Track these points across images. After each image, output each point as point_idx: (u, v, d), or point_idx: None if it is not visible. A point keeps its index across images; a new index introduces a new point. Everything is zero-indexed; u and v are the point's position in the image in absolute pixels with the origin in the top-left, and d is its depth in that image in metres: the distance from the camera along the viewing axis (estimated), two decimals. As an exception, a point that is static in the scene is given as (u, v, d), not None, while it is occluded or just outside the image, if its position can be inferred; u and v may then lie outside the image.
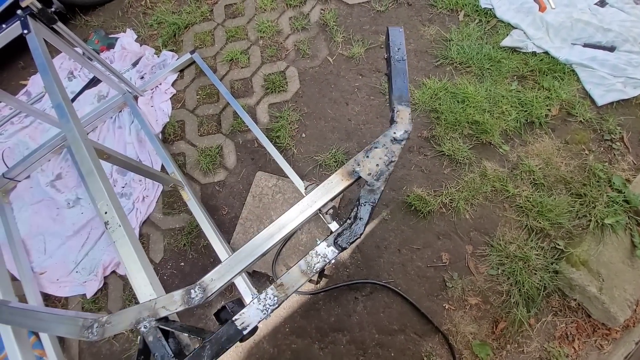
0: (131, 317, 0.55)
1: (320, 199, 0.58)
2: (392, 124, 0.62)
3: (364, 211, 0.56)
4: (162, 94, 1.47)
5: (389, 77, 0.67)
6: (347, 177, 0.59)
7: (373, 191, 0.58)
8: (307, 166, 1.31)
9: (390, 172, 0.59)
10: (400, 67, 0.66)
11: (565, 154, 1.23)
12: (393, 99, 0.64)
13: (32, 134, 1.52)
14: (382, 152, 0.60)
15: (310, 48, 1.52)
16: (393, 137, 0.61)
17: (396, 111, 0.62)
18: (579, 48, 1.42)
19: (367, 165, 0.60)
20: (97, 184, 0.70)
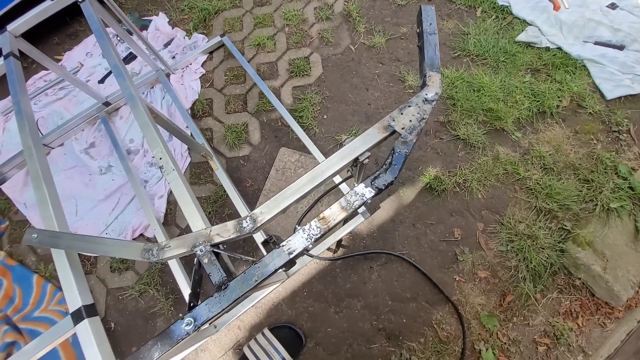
0: (189, 242, 0.62)
1: (359, 148, 0.66)
2: (423, 87, 0.70)
3: (397, 159, 0.64)
4: (192, 73, 1.55)
5: (421, 48, 0.74)
6: (383, 131, 0.67)
7: (406, 143, 0.65)
8: (327, 145, 1.38)
9: (422, 127, 0.66)
10: (431, 39, 0.74)
11: (575, 142, 1.29)
12: (425, 66, 0.71)
13: (66, 105, 1.60)
14: (414, 110, 0.67)
15: (333, 36, 1.60)
16: (425, 98, 0.68)
17: (428, 76, 0.70)
18: (590, 45, 1.50)
19: (402, 121, 0.67)
20: (152, 134, 0.77)
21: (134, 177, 1.34)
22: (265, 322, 1.16)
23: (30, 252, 1.38)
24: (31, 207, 1.42)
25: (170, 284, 1.24)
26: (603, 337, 1.12)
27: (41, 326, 1.28)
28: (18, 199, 1.45)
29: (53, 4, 1.12)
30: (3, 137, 1.64)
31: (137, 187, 1.32)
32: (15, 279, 1.34)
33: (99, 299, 1.26)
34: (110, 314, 1.24)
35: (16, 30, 1.13)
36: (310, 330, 1.14)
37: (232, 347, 1.15)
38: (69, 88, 1.64)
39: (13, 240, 1.41)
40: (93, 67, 1.66)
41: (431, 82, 0.69)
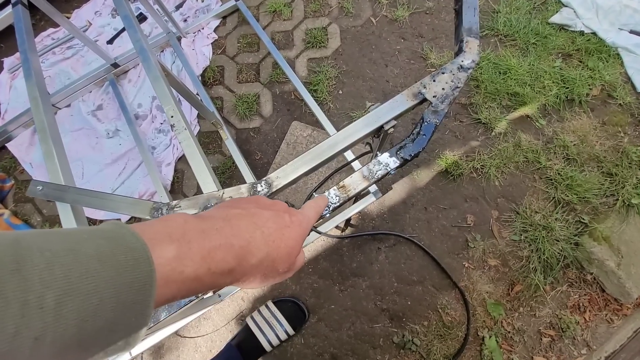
0: (200, 203, 0.59)
1: (385, 115, 0.61)
2: (459, 54, 0.64)
3: (426, 129, 0.59)
4: (204, 39, 1.48)
5: (458, 11, 0.68)
6: (412, 98, 0.62)
7: (437, 112, 0.60)
8: (342, 121, 1.33)
9: (455, 97, 0.61)
10: (471, 2, 0.67)
11: (601, 134, 1.23)
12: (462, 31, 0.65)
13: (73, 65, 1.55)
14: (448, 77, 0.62)
15: (354, 7, 1.51)
16: (460, 65, 0.63)
17: (465, 42, 0.64)
18: (625, 33, 1.40)
19: (433, 89, 0.62)
20: (164, 90, 0.73)
21: (141, 142, 1.31)
22: (269, 295, 1.15)
23: (36, 212, 1.37)
24: (37, 166, 1.40)
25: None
26: (609, 333, 1.10)
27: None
28: (24, 158, 1.43)
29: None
30: (9, 95, 1.60)
31: (145, 153, 1.29)
32: (20, 238, 1.35)
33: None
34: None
35: (24, -21, 1.07)
36: (314, 306, 1.13)
37: (235, 317, 1.15)
38: (77, 47, 1.58)
39: (18, 199, 1.40)
40: (102, 27, 1.60)
41: (468, 49, 0.63)
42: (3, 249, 0.16)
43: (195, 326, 1.17)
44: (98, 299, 0.17)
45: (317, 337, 1.10)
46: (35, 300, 0.15)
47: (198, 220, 0.25)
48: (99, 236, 0.20)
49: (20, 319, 0.14)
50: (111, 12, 1.63)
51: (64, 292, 0.16)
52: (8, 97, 1.60)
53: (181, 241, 0.23)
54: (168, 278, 0.21)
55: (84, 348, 0.17)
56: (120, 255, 0.19)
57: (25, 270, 0.15)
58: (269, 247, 0.28)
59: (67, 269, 0.17)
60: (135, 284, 0.19)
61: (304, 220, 0.33)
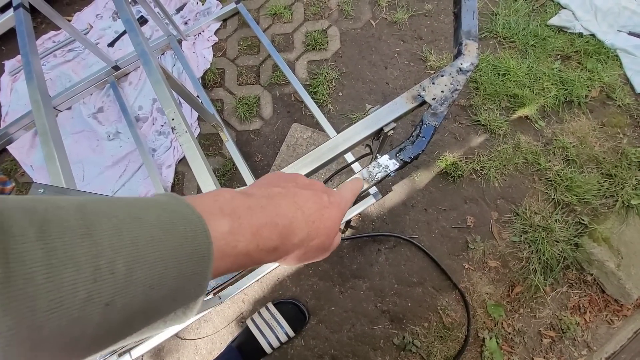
0: (201, 204, 0.60)
1: (385, 117, 0.62)
2: (458, 57, 0.65)
3: (426, 131, 0.60)
4: (204, 41, 1.49)
5: (457, 14, 0.68)
6: (412, 101, 0.62)
7: (436, 115, 0.61)
8: (341, 123, 1.34)
9: (454, 99, 0.62)
10: (470, 4, 0.68)
11: (600, 135, 1.24)
12: (461, 34, 0.66)
13: (74, 68, 1.56)
14: (447, 80, 0.63)
15: (353, 10, 1.52)
16: (459, 68, 0.63)
17: (464, 45, 0.65)
18: (623, 35, 1.41)
19: (433, 91, 0.62)
20: (165, 93, 0.74)
21: (142, 145, 1.31)
22: (269, 297, 1.15)
23: (37, 214, 1.37)
24: (37, 169, 1.41)
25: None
26: (609, 333, 1.10)
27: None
28: (25, 161, 1.43)
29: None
30: (10, 97, 1.61)
31: (145, 156, 1.29)
32: (21, 240, 1.35)
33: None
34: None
35: (26, -18, 1.07)
36: (314, 307, 1.13)
37: (235, 319, 1.15)
38: (78, 50, 1.59)
39: (19, 201, 1.40)
40: (103, 30, 1.60)
41: (467, 51, 0.64)
42: (71, 213, 0.16)
43: (196, 328, 1.17)
44: (163, 267, 0.17)
45: (317, 339, 1.10)
46: (107, 265, 0.15)
47: (244, 196, 0.25)
48: (157, 206, 0.20)
49: (92, 284, 0.14)
50: (112, 15, 1.63)
51: (133, 259, 0.16)
52: (9, 100, 1.60)
53: (232, 216, 0.23)
54: (223, 252, 0.22)
55: (148, 316, 0.18)
56: (179, 226, 0.19)
57: (96, 235, 0.15)
58: (309, 227, 0.28)
59: (134, 235, 0.17)
60: (195, 256, 0.19)
61: (342, 201, 0.33)
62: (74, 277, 0.14)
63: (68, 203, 0.16)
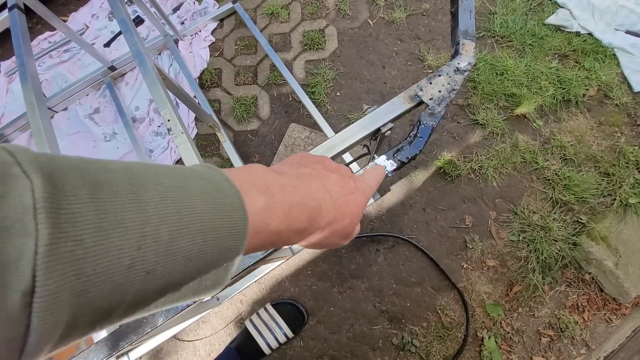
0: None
1: (382, 117, 0.61)
2: (455, 56, 0.64)
3: (423, 131, 0.59)
4: (201, 41, 1.48)
5: (455, 14, 0.68)
6: (409, 101, 0.62)
7: (433, 115, 0.60)
8: (339, 123, 1.33)
9: (452, 99, 0.61)
10: (467, 3, 0.68)
11: (598, 134, 1.24)
12: (458, 33, 0.65)
13: (70, 68, 1.55)
14: (445, 80, 0.62)
15: (351, 9, 1.52)
16: (457, 67, 0.63)
17: (461, 44, 0.64)
18: (621, 34, 1.41)
19: (430, 91, 0.62)
20: (161, 94, 0.73)
21: (139, 145, 1.30)
22: (267, 298, 1.15)
23: (33, 216, 1.36)
24: (34, 170, 1.40)
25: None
26: (608, 332, 1.10)
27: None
28: (21, 162, 1.42)
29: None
30: (6, 98, 1.60)
31: (142, 156, 1.28)
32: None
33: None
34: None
35: (21, -17, 1.06)
36: (313, 308, 1.13)
37: (233, 320, 1.14)
38: (74, 51, 1.58)
39: (16, 203, 1.39)
40: (99, 30, 1.59)
41: (464, 51, 0.63)
42: (120, 176, 0.15)
43: (194, 329, 1.16)
44: (202, 240, 0.17)
45: (316, 339, 1.10)
46: (152, 233, 0.14)
47: (276, 174, 0.25)
48: (198, 176, 0.19)
49: (137, 251, 0.14)
50: (108, 15, 1.62)
51: (176, 229, 0.16)
52: (5, 101, 1.59)
53: (267, 194, 0.22)
54: (258, 229, 0.21)
55: (182, 286, 0.17)
56: (219, 198, 0.19)
57: (144, 201, 0.15)
58: (335, 211, 0.27)
59: (178, 204, 0.16)
60: (232, 230, 0.19)
61: (367, 188, 0.33)
62: (121, 243, 0.13)
63: (116, 166, 0.16)
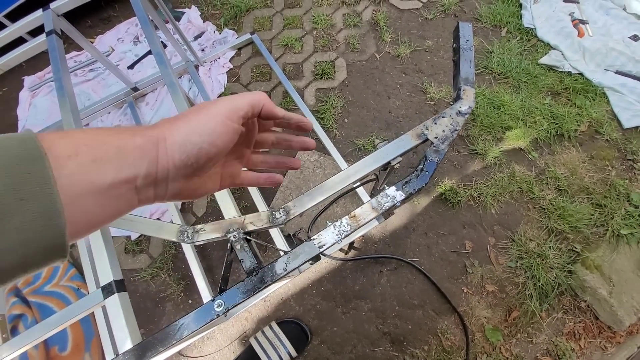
0: (223, 227, 0.65)
1: (392, 152, 0.68)
2: (457, 100, 0.72)
3: (429, 166, 0.66)
4: (219, 67, 1.59)
5: (456, 62, 0.77)
6: (416, 138, 0.69)
7: (438, 152, 0.68)
8: (347, 148, 1.41)
9: (454, 138, 0.69)
10: (468, 54, 0.76)
11: (590, 167, 1.32)
12: (460, 80, 0.74)
13: (94, 87, 1.64)
14: (448, 121, 0.70)
15: (359, 43, 1.64)
16: (458, 110, 0.71)
17: (462, 90, 0.73)
18: (611, 74, 1.53)
19: (435, 130, 0.70)
20: (191, 122, 0.81)
21: (155, 162, 1.37)
22: (272, 316, 1.18)
23: (47, 227, 1.41)
24: (52, 182, 1.45)
25: (182, 270, 1.26)
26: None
27: (51, 301, 1.30)
28: (40, 174, 1.48)
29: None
30: (28, 112, 1.68)
31: (158, 173, 1.35)
32: (30, 252, 1.37)
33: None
34: (121, 293, 1.26)
35: (59, 9, 1.17)
36: (317, 328, 1.16)
37: (238, 337, 1.17)
38: (98, 71, 1.68)
39: (31, 213, 1.44)
40: (123, 53, 1.70)
41: (465, 96, 0.72)
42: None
43: (199, 346, 1.18)
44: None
45: (319, 359, 1.12)
46: None
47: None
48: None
49: None
50: (133, 40, 1.74)
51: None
52: (27, 114, 1.67)
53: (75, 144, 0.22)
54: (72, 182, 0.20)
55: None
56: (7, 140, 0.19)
57: None
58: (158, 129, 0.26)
59: None
60: (25, 157, 0.18)
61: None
62: None
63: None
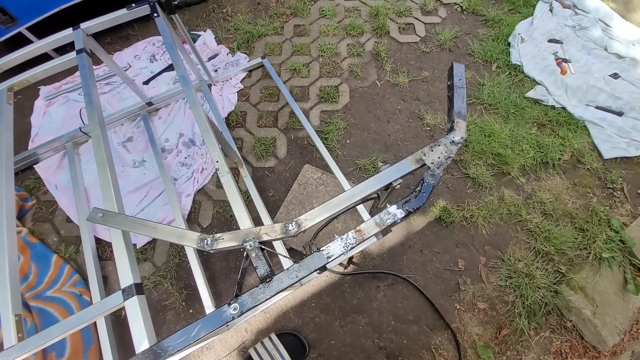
0: (240, 237, 0.71)
1: (393, 175, 0.77)
2: (450, 131, 0.82)
3: (426, 188, 0.74)
4: (231, 87, 1.69)
5: (450, 98, 0.87)
6: (415, 163, 0.78)
7: (434, 176, 0.76)
8: (348, 167, 1.50)
9: (448, 164, 0.78)
10: (460, 92, 0.87)
11: (573, 193, 1.42)
12: (453, 114, 0.84)
13: (109, 100, 1.73)
14: (443, 149, 0.79)
15: (362, 71, 1.77)
16: (452, 140, 0.80)
17: (455, 122, 0.82)
18: (591, 109, 1.67)
19: (431, 157, 0.78)
20: (211, 139, 0.88)
21: (165, 173, 1.44)
22: (272, 328, 1.21)
23: (53, 232, 1.44)
24: (62, 189, 1.50)
25: (185, 279, 1.30)
26: (590, 381, 1.18)
27: (52, 306, 1.31)
28: (50, 180, 1.53)
29: (127, 14, 1.27)
30: (42, 120, 1.75)
31: (168, 183, 1.41)
32: (33, 257, 1.39)
33: (114, 286, 1.31)
34: (123, 301, 1.29)
35: (88, 30, 1.26)
36: (315, 340, 1.19)
37: (237, 348, 1.19)
38: (114, 84, 1.78)
39: (37, 219, 1.47)
40: (140, 69, 1.81)
41: (458, 128, 0.81)
42: None
43: (197, 356, 1.20)
44: None
45: (316, 372, 1.14)
46: None
47: None
48: None
49: None
50: (149, 58, 1.85)
51: None
52: (40, 122, 1.74)
53: None
54: None
55: None
56: None
57: None
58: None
59: None
60: None
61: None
62: None
63: None
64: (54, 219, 1.47)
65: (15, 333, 0.73)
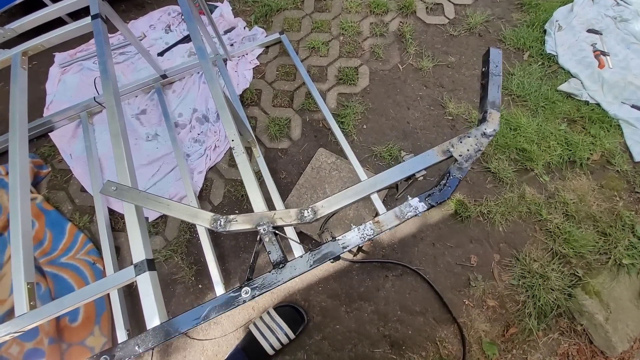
0: (254, 220, 0.69)
1: (417, 165, 0.73)
2: (482, 122, 0.76)
3: (452, 182, 0.70)
4: (246, 63, 1.64)
5: (485, 86, 0.81)
6: (442, 154, 0.74)
7: (461, 169, 0.72)
8: (363, 153, 1.45)
9: (477, 157, 0.73)
10: (496, 79, 0.80)
11: (599, 195, 1.35)
12: (487, 103, 0.78)
13: (124, 70, 1.69)
14: (473, 141, 0.74)
15: (384, 53, 1.68)
16: (484, 132, 0.75)
17: (489, 113, 0.77)
18: (627, 107, 1.56)
19: (460, 149, 0.74)
20: (228, 116, 0.85)
21: (178, 148, 1.42)
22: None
23: (68, 201, 1.46)
24: (76, 158, 1.51)
25: (195, 255, 1.31)
26: (595, 384, 1.16)
27: (66, 272, 1.35)
28: (65, 149, 1.54)
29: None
30: (57, 87, 1.73)
31: (180, 159, 1.39)
32: (48, 223, 1.42)
33: (126, 257, 1.34)
34: (134, 272, 1.31)
35: (103, -5, 1.21)
36: (320, 323, 1.20)
37: (243, 324, 1.21)
38: (129, 55, 1.73)
39: (52, 186, 1.49)
40: (154, 40, 1.75)
41: (491, 119, 0.76)
42: None
43: (205, 329, 1.23)
44: None
45: (319, 354, 1.16)
46: None
47: None
48: None
49: None
50: (164, 28, 1.79)
51: None
52: (55, 90, 1.73)
53: None
54: None
55: None
56: None
57: None
58: None
59: None
60: None
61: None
62: None
63: None
64: (69, 187, 1.48)
65: (27, 301, 0.74)
